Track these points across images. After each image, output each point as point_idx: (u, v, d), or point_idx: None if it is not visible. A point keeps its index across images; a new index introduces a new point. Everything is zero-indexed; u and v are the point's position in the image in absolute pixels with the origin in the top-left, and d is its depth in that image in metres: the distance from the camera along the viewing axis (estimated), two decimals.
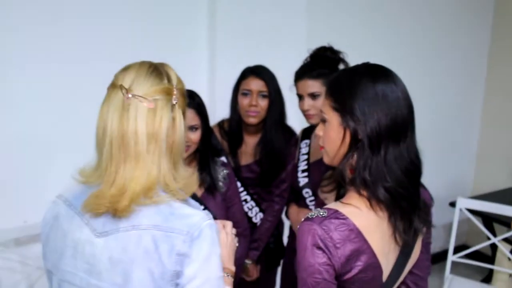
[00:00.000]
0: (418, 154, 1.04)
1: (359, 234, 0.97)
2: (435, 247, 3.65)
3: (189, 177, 1.02)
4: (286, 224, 2.29)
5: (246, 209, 2.06)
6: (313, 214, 0.99)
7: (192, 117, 1.54)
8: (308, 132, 1.93)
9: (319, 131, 1.09)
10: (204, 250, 0.94)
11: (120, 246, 0.94)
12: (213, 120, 2.17)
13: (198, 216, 0.96)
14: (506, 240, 2.69)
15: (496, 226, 2.89)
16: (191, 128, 1.55)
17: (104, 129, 0.96)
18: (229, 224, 1.22)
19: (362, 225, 0.98)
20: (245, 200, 2.06)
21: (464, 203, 2.64)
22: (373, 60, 1.08)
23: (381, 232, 1.01)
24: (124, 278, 0.93)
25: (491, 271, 3.03)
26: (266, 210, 2.09)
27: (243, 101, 1.95)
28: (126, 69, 1.01)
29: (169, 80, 1.00)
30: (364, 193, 1.00)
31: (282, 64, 1.99)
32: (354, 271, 0.97)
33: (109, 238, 0.95)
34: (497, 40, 3.57)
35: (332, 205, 1.03)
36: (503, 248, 2.54)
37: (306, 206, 1.86)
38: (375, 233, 1.00)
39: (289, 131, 2.08)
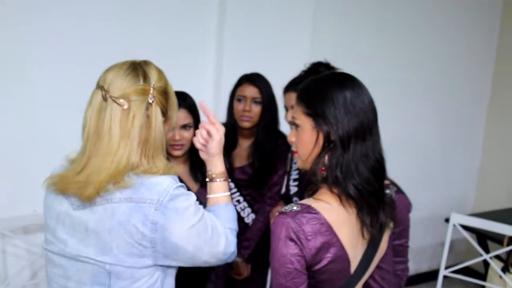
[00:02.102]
0: (382, 154, 1.11)
1: (329, 228, 1.04)
2: (432, 265, 3.66)
3: (165, 167, 1.10)
4: None
5: (238, 209, 2.14)
6: (287, 208, 1.06)
7: (185, 117, 1.65)
8: None
9: (291, 137, 1.16)
10: (175, 212, 1.04)
11: (95, 219, 1.04)
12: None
13: (167, 181, 1.05)
14: (498, 257, 2.72)
15: (490, 243, 2.92)
16: (184, 126, 1.65)
17: (85, 127, 1.08)
18: (216, 122, 1.26)
19: (332, 220, 1.05)
20: (238, 201, 2.14)
21: (457, 219, 2.68)
22: (377, 75, 1.16)
23: (350, 227, 1.08)
24: (101, 248, 1.04)
25: None
26: (258, 211, 2.16)
27: (238, 106, 2.06)
28: (108, 70, 1.11)
29: (145, 79, 1.09)
30: (335, 190, 1.07)
31: (285, 74, 2.07)
32: (324, 262, 1.04)
33: (85, 211, 1.06)
34: (502, 58, 3.60)
35: (305, 201, 1.10)
36: (494, 265, 2.57)
37: None
38: (344, 227, 1.07)
39: (282, 136, 2.15)
